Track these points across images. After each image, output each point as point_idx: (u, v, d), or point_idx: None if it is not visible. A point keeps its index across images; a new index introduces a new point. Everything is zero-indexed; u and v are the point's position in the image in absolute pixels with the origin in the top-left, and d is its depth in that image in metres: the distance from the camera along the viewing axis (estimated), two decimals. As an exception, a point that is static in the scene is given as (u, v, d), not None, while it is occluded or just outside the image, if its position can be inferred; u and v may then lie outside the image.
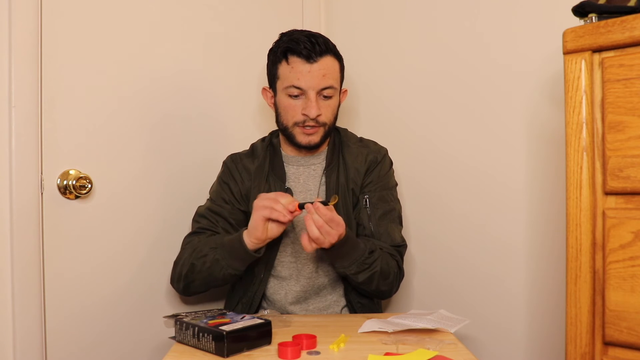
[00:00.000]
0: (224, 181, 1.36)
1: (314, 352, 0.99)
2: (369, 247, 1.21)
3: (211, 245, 1.22)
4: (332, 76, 1.26)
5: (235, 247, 1.17)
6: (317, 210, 1.09)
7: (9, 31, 1.14)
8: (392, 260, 1.27)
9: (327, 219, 1.09)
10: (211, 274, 1.22)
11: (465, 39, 1.45)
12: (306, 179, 1.35)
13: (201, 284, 1.27)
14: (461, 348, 1.01)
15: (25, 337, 1.17)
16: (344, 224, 1.12)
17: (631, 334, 0.77)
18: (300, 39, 1.24)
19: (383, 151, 1.39)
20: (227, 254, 1.19)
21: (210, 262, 1.20)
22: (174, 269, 1.30)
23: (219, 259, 1.19)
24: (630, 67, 0.77)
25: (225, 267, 1.20)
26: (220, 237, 1.23)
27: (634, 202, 0.78)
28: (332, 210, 1.10)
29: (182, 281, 1.27)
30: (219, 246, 1.20)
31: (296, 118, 1.27)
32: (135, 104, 1.37)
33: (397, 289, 1.32)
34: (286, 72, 1.26)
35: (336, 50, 1.30)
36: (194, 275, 1.24)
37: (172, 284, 1.32)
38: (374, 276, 1.22)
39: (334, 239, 1.10)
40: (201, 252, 1.22)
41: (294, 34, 1.27)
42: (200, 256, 1.22)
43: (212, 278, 1.23)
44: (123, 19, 1.34)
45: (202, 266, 1.21)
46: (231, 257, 1.19)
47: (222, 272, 1.21)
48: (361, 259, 1.20)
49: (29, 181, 1.18)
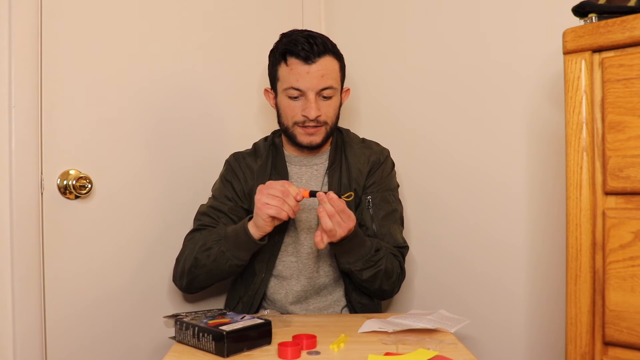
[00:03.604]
0: (226, 179, 1.36)
1: (314, 352, 0.99)
2: (375, 245, 1.22)
3: (214, 237, 1.21)
4: (331, 76, 1.26)
5: (241, 238, 1.17)
6: (331, 200, 1.09)
7: (9, 31, 1.14)
8: (395, 261, 1.28)
9: (339, 210, 1.09)
10: (217, 266, 1.22)
11: (466, 39, 1.45)
12: (308, 178, 1.35)
13: (205, 278, 1.27)
14: (461, 348, 1.01)
15: (25, 337, 1.17)
16: (354, 218, 1.13)
17: (631, 334, 0.77)
18: (299, 40, 1.24)
19: (386, 152, 1.39)
20: (232, 245, 1.19)
21: (215, 255, 1.20)
22: (176, 266, 1.30)
23: (224, 251, 1.19)
24: (630, 67, 0.77)
25: (231, 258, 1.19)
26: (223, 229, 1.23)
27: (634, 202, 0.78)
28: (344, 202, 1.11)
29: (185, 277, 1.27)
30: (222, 238, 1.20)
31: (296, 118, 1.27)
32: (136, 104, 1.37)
33: (398, 290, 1.33)
34: (285, 73, 1.26)
35: (336, 49, 1.30)
36: (198, 270, 1.24)
37: (175, 282, 1.31)
38: (378, 274, 1.23)
39: (344, 231, 1.11)
40: (204, 245, 1.22)
41: (293, 35, 1.27)
42: (204, 249, 1.21)
43: (218, 271, 1.23)
44: (123, 19, 1.34)
45: (207, 259, 1.21)
46: (237, 248, 1.19)
47: (228, 263, 1.20)
48: (367, 256, 1.20)
49: (29, 181, 1.18)
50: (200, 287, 1.31)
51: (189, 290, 1.32)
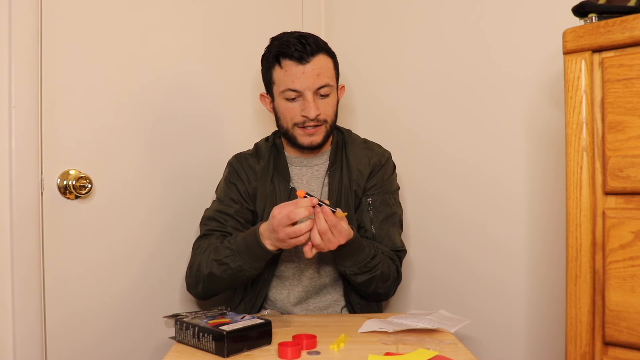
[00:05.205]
0: (230, 181, 1.36)
1: (314, 352, 0.99)
2: (373, 251, 1.22)
3: (226, 253, 1.19)
4: (327, 74, 1.26)
5: (256, 252, 1.16)
6: (325, 215, 1.08)
7: (9, 31, 1.14)
8: (392, 265, 1.28)
9: (331, 225, 1.08)
10: (235, 279, 1.22)
11: (466, 39, 1.45)
12: (309, 179, 1.35)
13: (222, 289, 1.29)
14: (461, 348, 1.01)
15: (25, 337, 1.17)
16: (346, 234, 1.11)
17: (631, 334, 0.77)
18: (291, 41, 1.23)
19: (387, 154, 1.39)
20: (249, 258, 1.18)
21: (233, 270, 1.19)
22: (189, 274, 1.29)
23: (241, 265, 1.18)
24: (630, 67, 0.77)
25: (250, 269, 1.19)
26: (234, 242, 1.20)
27: (634, 202, 0.78)
28: (342, 219, 1.10)
29: (201, 287, 1.26)
30: (236, 252, 1.18)
31: (296, 119, 1.27)
32: (136, 104, 1.37)
33: (393, 293, 1.33)
34: (280, 76, 1.26)
35: (328, 47, 1.30)
36: (215, 283, 1.24)
37: (190, 290, 1.31)
38: (373, 279, 1.23)
39: (333, 246, 1.10)
40: (219, 260, 1.20)
41: (284, 37, 1.26)
42: (220, 264, 1.20)
43: (236, 282, 1.25)
44: (123, 19, 1.34)
45: (224, 274, 1.20)
46: (254, 260, 1.18)
47: (247, 274, 1.20)
48: (363, 262, 1.20)
49: (29, 181, 1.18)
50: (216, 295, 1.32)
51: (203, 298, 1.33)
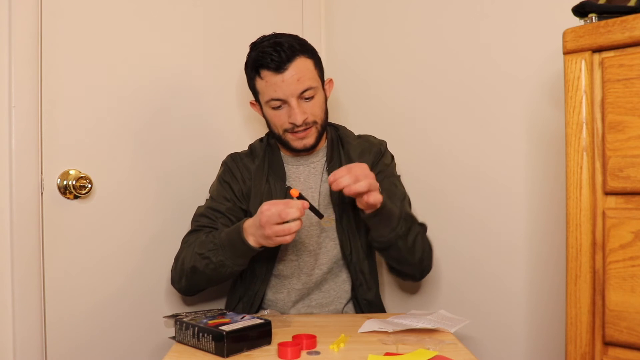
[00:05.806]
0: (224, 180, 1.36)
1: (314, 352, 0.99)
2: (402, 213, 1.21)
3: (210, 247, 1.20)
4: (307, 76, 1.25)
5: (239, 248, 1.16)
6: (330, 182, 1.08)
7: (9, 31, 1.14)
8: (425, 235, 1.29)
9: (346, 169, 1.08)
10: (217, 274, 1.21)
11: (466, 39, 1.45)
12: (306, 177, 1.35)
13: (205, 284, 1.28)
14: (461, 348, 1.01)
15: (25, 337, 1.17)
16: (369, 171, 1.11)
17: (631, 334, 0.77)
18: (266, 51, 1.22)
19: (384, 143, 1.42)
20: (231, 254, 1.18)
21: (215, 264, 1.19)
22: (174, 268, 1.29)
23: (223, 261, 1.18)
24: (630, 67, 0.77)
25: (232, 265, 1.19)
26: (218, 236, 1.21)
27: (634, 202, 0.78)
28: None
29: (183, 281, 1.27)
30: (219, 247, 1.19)
31: (285, 126, 1.27)
32: (136, 104, 1.37)
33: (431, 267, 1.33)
34: (262, 86, 1.26)
35: (306, 47, 1.27)
36: (197, 277, 1.24)
37: (173, 284, 1.31)
38: (417, 238, 1.23)
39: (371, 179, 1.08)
40: (202, 254, 1.20)
41: (259, 46, 1.25)
42: (202, 258, 1.20)
43: (218, 277, 1.23)
44: (123, 19, 1.34)
45: (206, 268, 1.20)
46: (236, 256, 1.18)
47: (229, 270, 1.20)
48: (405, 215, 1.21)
49: (29, 181, 1.18)
50: (199, 290, 1.32)
51: (187, 293, 1.32)
